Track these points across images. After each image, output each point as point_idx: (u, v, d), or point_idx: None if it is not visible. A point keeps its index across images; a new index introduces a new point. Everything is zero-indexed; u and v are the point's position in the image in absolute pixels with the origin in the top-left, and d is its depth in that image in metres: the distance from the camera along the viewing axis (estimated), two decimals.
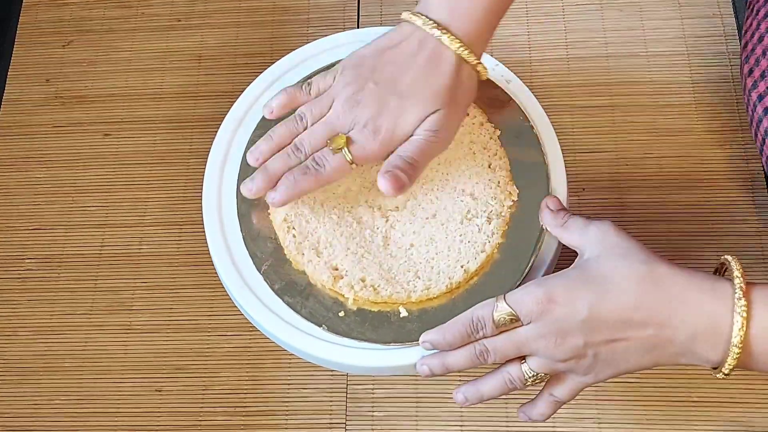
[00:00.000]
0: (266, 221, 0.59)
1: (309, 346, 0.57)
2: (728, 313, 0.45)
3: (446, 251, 0.57)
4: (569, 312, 0.47)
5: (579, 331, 0.47)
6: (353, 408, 0.71)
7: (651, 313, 0.47)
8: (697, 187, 0.78)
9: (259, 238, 0.59)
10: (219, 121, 0.66)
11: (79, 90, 0.88)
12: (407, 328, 0.55)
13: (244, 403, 0.72)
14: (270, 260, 0.58)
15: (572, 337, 0.47)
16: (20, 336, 0.77)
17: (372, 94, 0.53)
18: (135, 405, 0.73)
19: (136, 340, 0.75)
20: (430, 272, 0.56)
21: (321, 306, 0.56)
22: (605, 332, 0.47)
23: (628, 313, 0.47)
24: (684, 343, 0.46)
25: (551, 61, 0.85)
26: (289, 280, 0.57)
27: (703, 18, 0.85)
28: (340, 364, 0.56)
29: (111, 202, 0.82)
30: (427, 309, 0.56)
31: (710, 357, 0.47)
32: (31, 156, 0.85)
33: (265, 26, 0.90)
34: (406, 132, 0.53)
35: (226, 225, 0.61)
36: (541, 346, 0.48)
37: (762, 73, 0.65)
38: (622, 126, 0.81)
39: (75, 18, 0.92)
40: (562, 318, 0.47)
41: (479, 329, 0.50)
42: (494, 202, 0.58)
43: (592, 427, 0.69)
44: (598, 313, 0.47)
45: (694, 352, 0.47)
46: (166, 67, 0.88)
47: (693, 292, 0.47)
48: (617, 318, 0.47)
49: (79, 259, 0.79)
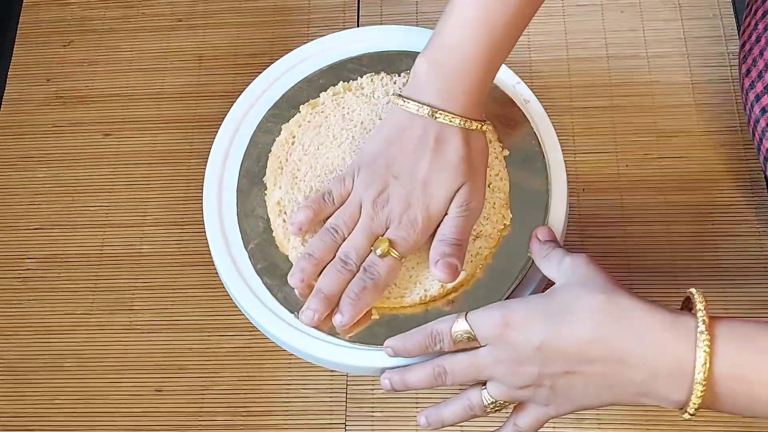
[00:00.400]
0: (261, 201, 0.60)
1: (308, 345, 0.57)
2: (691, 349, 0.43)
3: (426, 263, 0.57)
4: (524, 339, 0.46)
5: (533, 359, 0.46)
6: (353, 408, 0.71)
7: (608, 348, 0.45)
8: (697, 188, 0.78)
9: (252, 217, 0.59)
10: (219, 121, 0.66)
11: (80, 90, 0.88)
12: (374, 330, 0.55)
13: (244, 403, 0.72)
14: (258, 240, 0.58)
15: (527, 365, 0.46)
16: (20, 336, 0.77)
17: (396, 190, 0.54)
18: (135, 405, 0.73)
19: (137, 340, 0.75)
20: (408, 281, 0.56)
21: (297, 294, 0.57)
22: (560, 364, 0.45)
23: (583, 346, 0.45)
24: (645, 383, 0.44)
25: (551, 61, 0.85)
26: (272, 262, 0.58)
27: (703, 19, 0.86)
28: (340, 364, 0.56)
29: (111, 202, 0.82)
30: (398, 316, 0.56)
31: (674, 397, 0.44)
32: (31, 156, 0.85)
33: (265, 26, 0.90)
34: (441, 212, 0.54)
35: (226, 225, 0.61)
36: (498, 372, 0.47)
37: (759, 72, 0.65)
38: (622, 127, 0.81)
39: (76, 18, 0.92)
40: (517, 344, 0.46)
41: (437, 342, 0.49)
42: (485, 222, 0.58)
43: (592, 427, 0.69)
44: (553, 343, 0.45)
45: (656, 392, 0.44)
46: (167, 67, 0.88)
47: (654, 328, 0.44)
48: (572, 350, 0.45)
49: (79, 259, 0.79)
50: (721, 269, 0.74)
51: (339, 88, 0.64)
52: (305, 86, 0.64)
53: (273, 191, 0.60)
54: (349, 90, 0.63)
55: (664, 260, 0.75)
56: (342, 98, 0.63)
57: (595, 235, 0.77)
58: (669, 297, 0.73)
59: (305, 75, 0.65)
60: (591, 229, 0.77)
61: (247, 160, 0.62)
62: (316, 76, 0.65)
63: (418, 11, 0.88)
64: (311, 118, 0.62)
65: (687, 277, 0.74)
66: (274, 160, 0.61)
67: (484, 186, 0.57)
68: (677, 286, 0.74)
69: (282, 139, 0.62)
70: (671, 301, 0.73)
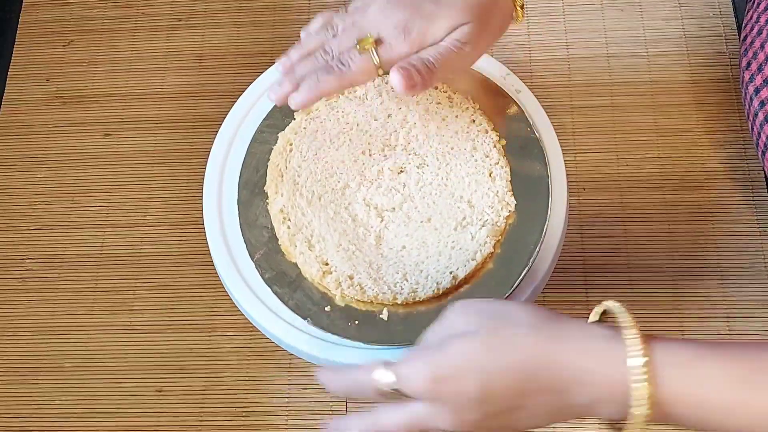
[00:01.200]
0: (264, 211, 0.60)
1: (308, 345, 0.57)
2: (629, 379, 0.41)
3: (437, 256, 0.57)
4: (457, 392, 0.44)
5: (473, 408, 0.44)
6: (353, 408, 0.71)
7: (546, 382, 0.43)
8: (697, 187, 0.78)
9: (256, 227, 0.59)
10: (220, 121, 0.66)
11: (80, 90, 0.88)
12: (391, 329, 0.55)
13: (245, 404, 0.72)
14: (264, 249, 0.59)
15: (468, 413, 0.44)
16: (20, 336, 0.77)
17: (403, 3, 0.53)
18: (135, 405, 0.73)
19: (137, 340, 0.75)
20: (419, 276, 0.56)
21: (308, 299, 0.57)
22: (502, 403, 0.44)
23: (521, 385, 0.43)
24: (587, 406, 0.44)
25: (551, 61, 0.85)
26: (279, 271, 0.58)
27: (703, 18, 0.85)
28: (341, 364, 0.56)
29: (112, 202, 0.82)
30: (413, 312, 0.56)
31: (617, 417, 0.43)
32: (31, 156, 0.85)
33: (265, 26, 0.90)
34: (436, 38, 0.52)
35: (226, 225, 0.61)
36: (439, 422, 0.45)
37: (759, 66, 0.64)
38: (622, 126, 0.81)
39: (75, 18, 0.92)
40: (451, 399, 0.44)
41: (362, 391, 0.46)
42: (491, 211, 0.58)
43: (592, 426, 0.69)
44: (490, 389, 0.44)
45: (599, 413, 0.44)
46: (167, 66, 0.88)
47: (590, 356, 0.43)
48: (511, 391, 0.44)
49: (79, 259, 0.79)
50: (721, 269, 0.74)
51: None
52: None
53: (275, 199, 0.60)
54: (341, 94, 0.64)
55: (664, 260, 0.75)
56: (335, 102, 0.63)
57: (595, 235, 0.77)
58: (669, 296, 0.74)
59: None
60: (591, 228, 0.77)
61: (246, 171, 0.62)
62: None
63: None
64: (306, 124, 0.63)
65: (687, 276, 0.74)
66: (273, 169, 0.61)
67: (485, 45, 0.55)
68: (677, 285, 0.74)
69: (279, 147, 0.62)
70: (672, 300, 0.73)
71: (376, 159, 0.61)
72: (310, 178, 0.60)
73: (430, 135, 0.62)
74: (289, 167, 0.61)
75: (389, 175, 0.60)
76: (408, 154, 0.62)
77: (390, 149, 0.62)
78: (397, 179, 0.61)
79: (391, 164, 0.61)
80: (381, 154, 0.62)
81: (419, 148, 0.62)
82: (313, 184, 0.60)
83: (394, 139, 0.62)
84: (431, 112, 0.63)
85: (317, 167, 0.61)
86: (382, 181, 0.60)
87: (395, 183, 0.60)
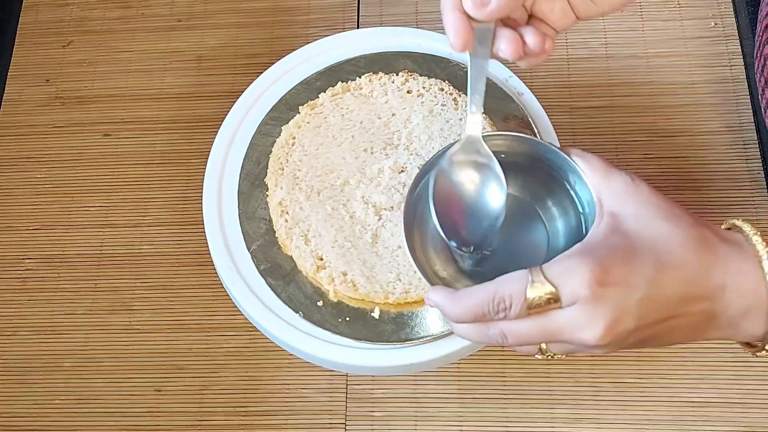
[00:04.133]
0: (263, 203, 0.60)
1: (308, 345, 0.57)
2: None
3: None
4: (624, 292, 0.40)
5: (632, 313, 0.40)
6: (353, 408, 0.71)
7: (706, 285, 0.41)
8: (697, 188, 0.78)
9: (254, 219, 0.60)
10: (220, 122, 0.66)
11: (80, 90, 0.88)
12: (381, 328, 0.55)
13: (244, 403, 0.72)
14: (261, 241, 0.59)
15: (623, 322, 0.40)
16: (20, 336, 0.77)
17: None
18: (134, 405, 0.73)
19: (136, 340, 0.75)
20: (412, 276, 0.57)
21: (301, 293, 0.57)
22: (661, 311, 0.41)
23: (686, 287, 0.41)
24: (734, 318, 0.42)
25: (551, 61, 0.85)
26: (275, 263, 0.58)
27: (703, 19, 0.86)
28: (340, 364, 0.56)
29: (111, 202, 0.82)
30: (404, 313, 0.56)
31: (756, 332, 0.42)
32: (31, 156, 0.85)
33: (265, 27, 0.90)
34: None
35: (226, 225, 0.61)
36: (583, 337, 0.40)
37: None
38: (622, 127, 0.81)
39: (75, 18, 0.92)
40: (617, 301, 0.39)
41: (501, 310, 0.40)
42: None
43: (592, 427, 0.69)
44: (657, 290, 0.40)
45: (744, 329, 0.42)
46: (167, 67, 0.88)
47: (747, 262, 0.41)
48: (676, 294, 0.41)
49: (79, 259, 0.79)
50: None
51: (337, 89, 0.64)
52: (303, 89, 0.65)
53: (275, 192, 0.60)
54: (347, 90, 0.64)
55: None
56: (341, 98, 0.64)
57: None
58: None
59: (302, 78, 0.65)
60: None
61: (248, 163, 0.62)
62: (314, 78, 0.65)
63: (418, 12, 0.88)
64: (310, 119, 0.63)
65: None
66: (274, 162, 0.62)
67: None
68: None
69: (282, 141, 0.62)
70: None
71: (377, 157, 0.62)
72: (310, 172, 0.61)
73: (433, 136, 0.62)
74: (290, 161, 0.61)
75: (389, 174, 0.61)
76: (410, 154, 0.62)
77: (392, 148, 0.62)
78: (397, 179, 0.61)
79: (392, 163, 0.61)
80: (382, 152, 0.62)
81: (421, 149, 0.62)
82: (313, 179, 0.60)
83: (397, 139, 0.62)
84: (435, 113, 0.63)
85: (318, 162, 0.61)
86: (381, 180, 0.61)
87: (395, 182, 0.60)
